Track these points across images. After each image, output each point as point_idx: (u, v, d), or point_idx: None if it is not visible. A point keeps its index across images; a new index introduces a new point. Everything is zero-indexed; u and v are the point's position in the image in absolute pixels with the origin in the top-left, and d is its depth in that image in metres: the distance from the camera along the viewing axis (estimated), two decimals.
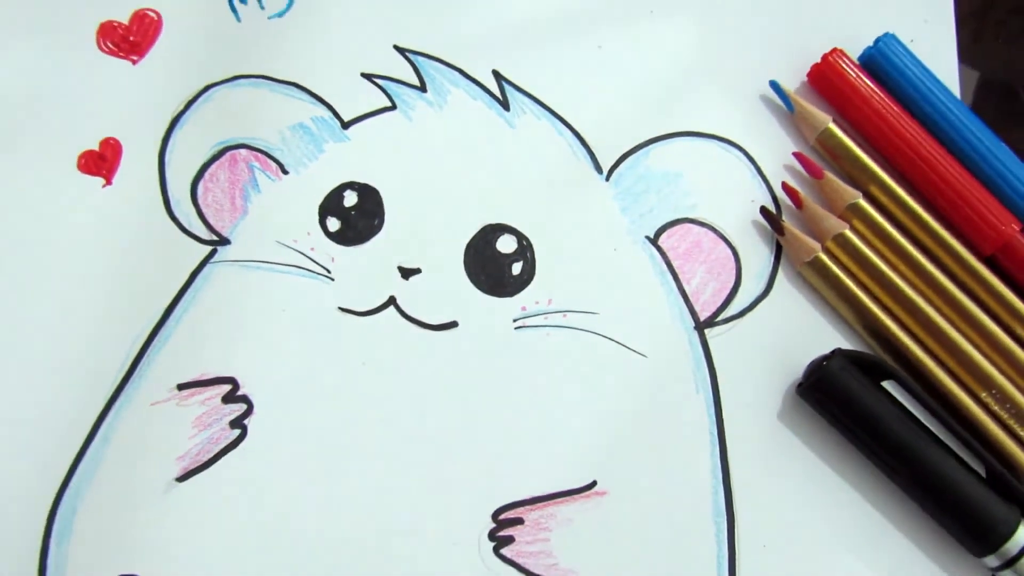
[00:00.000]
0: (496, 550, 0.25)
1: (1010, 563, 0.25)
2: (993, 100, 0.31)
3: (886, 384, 0.26)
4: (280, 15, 0.30)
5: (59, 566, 0.24)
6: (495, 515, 0.25)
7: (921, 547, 0.26)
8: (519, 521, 0.25)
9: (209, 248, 0.27)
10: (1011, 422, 0.27)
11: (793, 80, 0.30)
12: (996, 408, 0.27)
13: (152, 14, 0.29)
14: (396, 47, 0.30)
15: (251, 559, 0.25)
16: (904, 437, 0.26)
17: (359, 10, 0.30)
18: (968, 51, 0.31)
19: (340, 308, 0.27)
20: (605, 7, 0.31)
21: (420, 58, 0.29)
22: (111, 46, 0.29)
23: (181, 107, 0.28)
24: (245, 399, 0.26)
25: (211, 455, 0.25)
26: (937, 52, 0.30)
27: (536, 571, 0.25)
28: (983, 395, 0.27)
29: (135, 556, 0.24)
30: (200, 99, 0.29)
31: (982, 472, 0.26)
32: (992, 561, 0.25)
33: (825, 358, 0.26)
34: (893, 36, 0.30)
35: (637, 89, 0.30)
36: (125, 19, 0.29)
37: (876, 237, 0.28)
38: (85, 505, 0.25)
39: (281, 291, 0.27)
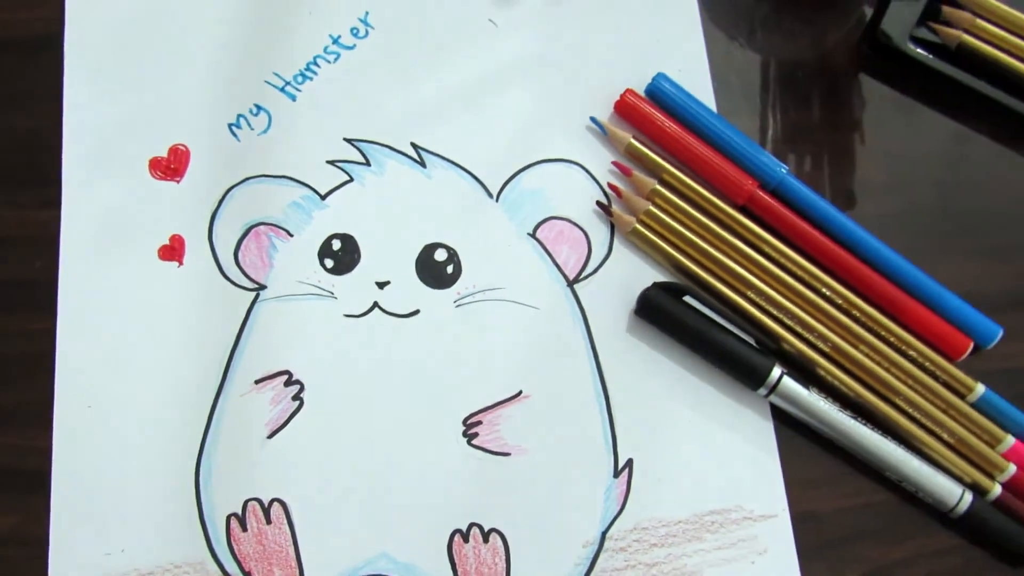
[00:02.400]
0: (468, 441, 0.40)
1: (772, 390, 0.41)
2: (736, 99, 0.47)
3: (687, 299, 0.42)
4: (265, 132, 0.44)
5: (208, 497, 0.39)
6: (464, 420, 0.40)
7: (722, 391, 0.41)
8: (479, 423, 0.41)
9: (254, 293, 0.42)
10: (769, 308, 0.43)
11: (606, 111, 0.45)
12: (760, 302, 0.43)
13: (182, 147, 0.43)
14: (346, 139, 0.44)
15: (317, 479, 0.39)
16: (701, 329, 0.42)
17: (316, 119, 0.44)
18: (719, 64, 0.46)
19: (344, 315, 0.42)
20: (479, 84, 0.45)
21: (363, 143, 0.44)
22: (160, 173, 0.43)
23: (215, 206, 0.42)
24: (298, 382, 0.40)
25: (285, 419, 0.40)
26: (695, 78, 0.46)
27: (494, 449, 0.40)
28: (750, 294, 0.43)
29: (252, 488, 0.39)
30: (226, 198, 0.42)
31: (753, 342, 0.42)
32: (762, 391, 0.41)
33: (646, 289, 0.42)
34: (663, 74, 0.45)
35: (508, 134, 0.44)
36: (164, 153, 0.44)
37: (670, 206, 0.43)
38: (216, 459, 0.39)
39: (305, 311, 0.41)
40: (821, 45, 0.47)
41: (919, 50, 0.46)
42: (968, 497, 0.40)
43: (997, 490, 0.40)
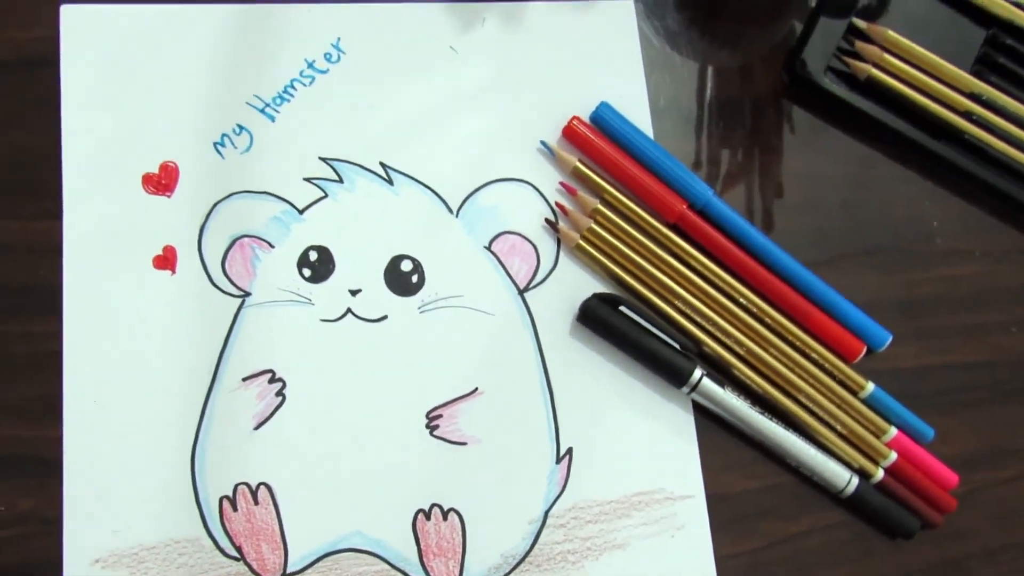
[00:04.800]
0: (431, 432, 0.46)
1: (693, 388, 0.47)
2: (671, 124, 0.52)
3: (622, 308, 0.48)
4: (247, 150, 0.48)
5: (202, 481, 0.44)
6: (427, 414, 0.46)
7: (651, 388, 0.47)
8: (440, 416, 0.46)
9: (240, 300, 0.46)
10: (693, 316, 0.49)
11: (555, 135, 0.50)
12: (686, 310, 0.49)
13: (172, 164, 0.47)
14: (321, 158, 0.48)
15: (298, 465, 0.45)
16: (634, 335, 0.48)
17: (293, 138, 0.48)
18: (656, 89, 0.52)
19: (321, 319, 0.47)
20: (441, 107, 0.50)
21: (336, 162, 0.48)
22: (152, 188, 0.47)
23: (203, 219, 0.46)
24: (281, 379, 0.45)
25: (269, 412, 0.45)
26: (635, 105, 0.51)
27: (452, 439, 0.46)
28: (677, 303, 0.49)
29: (241, 473, 0.44)
30: (213, 212, 0.46)
31: (678, 346, 0.49)
32: (685, 389, 0.48)
33: (587, 299, 0.48)
34: (606, 103, 0.50)
35: (467, 155, 0.49)
36: (156, 169, 0.48)
37: (610, 224, 0.49)
38: (209, 448, 0.44)
39: (286, 316, 0.46)
40: (748, 73, 0.53)
41: (832, 83, 0.52)
42: (855, 480, 0.47)
43: (880, 474, 0.48)
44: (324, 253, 0.47)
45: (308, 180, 0.48)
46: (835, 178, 0.52)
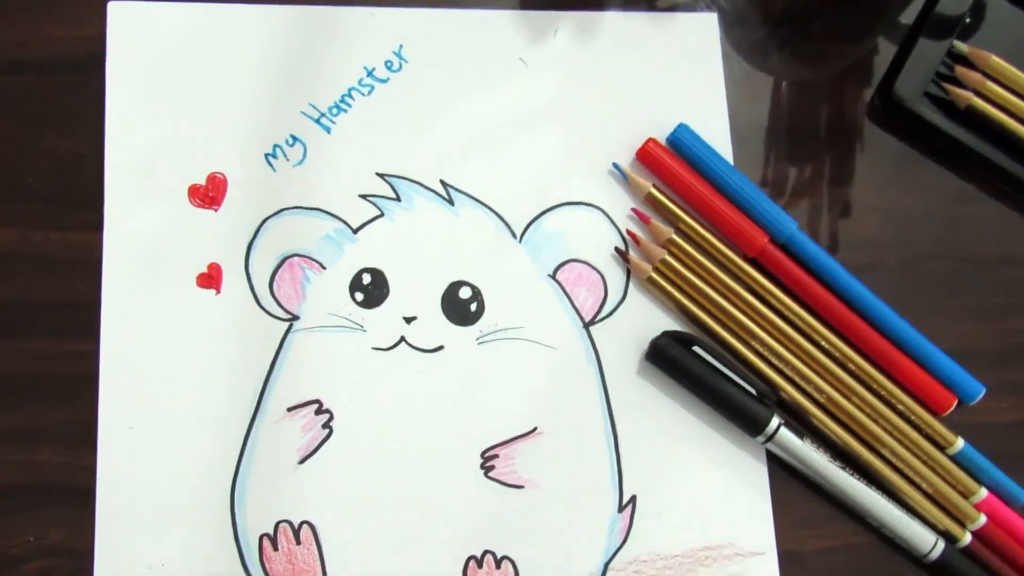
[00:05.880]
0: (485, 473, 0.43)
1: (769, 438, 0.44)
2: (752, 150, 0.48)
3: (696, 348, 0.45)
4: (300, 163, 0.45)
5: (242, 517, 0.42)
6: (482, 453, 0.43)
7: (723, 435, 0.44)
8: (496, 456, 0.44)
9: (288, 323, 0.44)
10: (771, 359, 0.46)
11: (628, 157, 0.47)
12: (763, 352, 0.46)
13: (220, 175, 0.45)
14: (378, 173, 0.46)
15: (344, 503, 0.42)
16: (707, 378, 0.44)
17: (349, 152, 0.45)
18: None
19: (373, 348, 0.44)
20: (507, 123, 0.47)
21: (393, 179, 0.46)
22: (199, 201, 0.45)
23: (251, 236, 0.44)
24: (328, 411, 0.43)
25: (315, 446, 0.42)
26: (715, 128, 0.48)
27: (509, 481, 0.43)
28: (754, 344, 0.46)
29: (283, 510, 0.42)
30: (262, 228, 0.44)
31: (755, 392, 0.45)
32: (760, 439, 0.45)
33: (657, 336, 0.45)
34: (685, 125, 0.47)
35: (533, 177, 0.46)
36: (203, 181, 0.45)
37: (684, 256, 0.46)
38: (250, 482, 0.41)
39: (336, 342, 0.44)
40: (837, 96, 0.49)
41: (929, 110, 0.48)
42: (941, 544, 0.44)
43: (967, 538, 0.44)
44: (378, 276, 0.44)
45: (363, 197, 0.45)
46: (928, 214, 0.48)
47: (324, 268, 0.44)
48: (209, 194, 0.45)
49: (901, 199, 0.48)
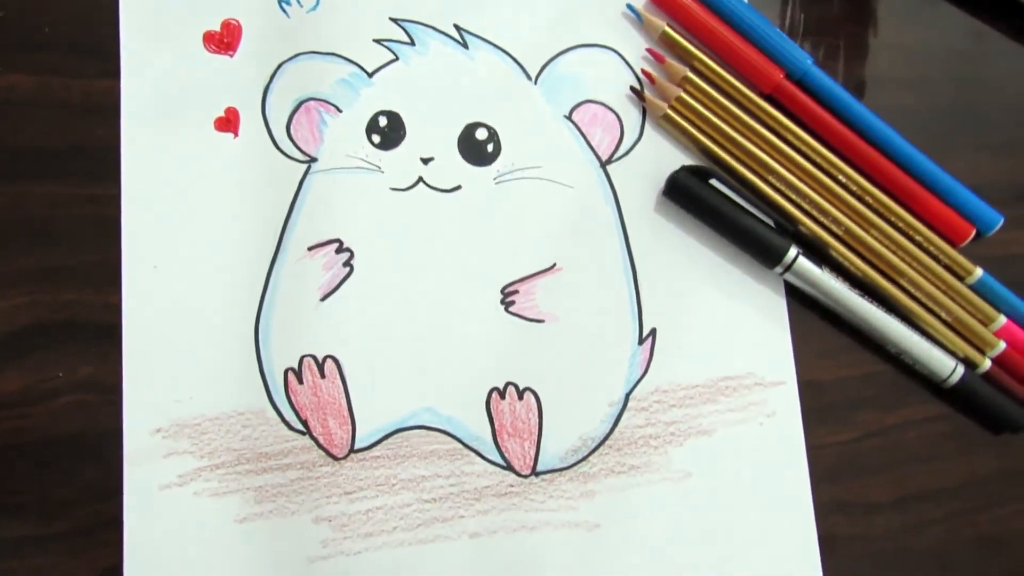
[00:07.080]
0: (506, 308, 0.43)
1: (787, 268, 0.44)
2: None
3: (713, 182, 0.45)
4: (314, 9, 0.45)
5: (267, 352, 0.42)
6: (502, 289, 0.43)
7: (741, 268, 0.44)
8: (516, 291, 0.44)
9: (306, 165, 0.44)
10: (788, 193, 0.46)
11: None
12: (781, 187, 0.46)
13: (234, 21, 0.45)
14: (391, 18, 0.46)
15: (366, 339, 0.43)
16: (724, 210, 0.45)
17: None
18: None
19: (391, 188, 0.44)
20: None
21: (407, 23, 0.46)
22: (214, 47, 0.45)
23: (267, 80, 0.44)
24: (348, 250, 0.43)
25: (336, 284, 0.43)
26: None
27: (529, 315, 0.43)
28: (771, 179, 0.46)
29: (307, 345, 0.43)
30: (278, 73, 0.44)
31: (772, 224, 0.45)
32: (778, 269, 0.45)
33: (675, 171, 0.45)
34: None
35: (547, 18, 0.46)
36: (217, 27, 0.45)
37: (700, 94, 0.46)
38: (273, 318, 0.42)
39: (354, 183, 0.44)
40: None
41: None
42: (960, 370, 0.44)
43: (987, 364, 0.44)
44: (394, 119, 0.44)
45: (378, 42, 0.45)
46: (943, 51, 0.48)
47: (340, 111, 0.44)
48: (224, 40, 0.45)
49: (918, 37, 0.48)
